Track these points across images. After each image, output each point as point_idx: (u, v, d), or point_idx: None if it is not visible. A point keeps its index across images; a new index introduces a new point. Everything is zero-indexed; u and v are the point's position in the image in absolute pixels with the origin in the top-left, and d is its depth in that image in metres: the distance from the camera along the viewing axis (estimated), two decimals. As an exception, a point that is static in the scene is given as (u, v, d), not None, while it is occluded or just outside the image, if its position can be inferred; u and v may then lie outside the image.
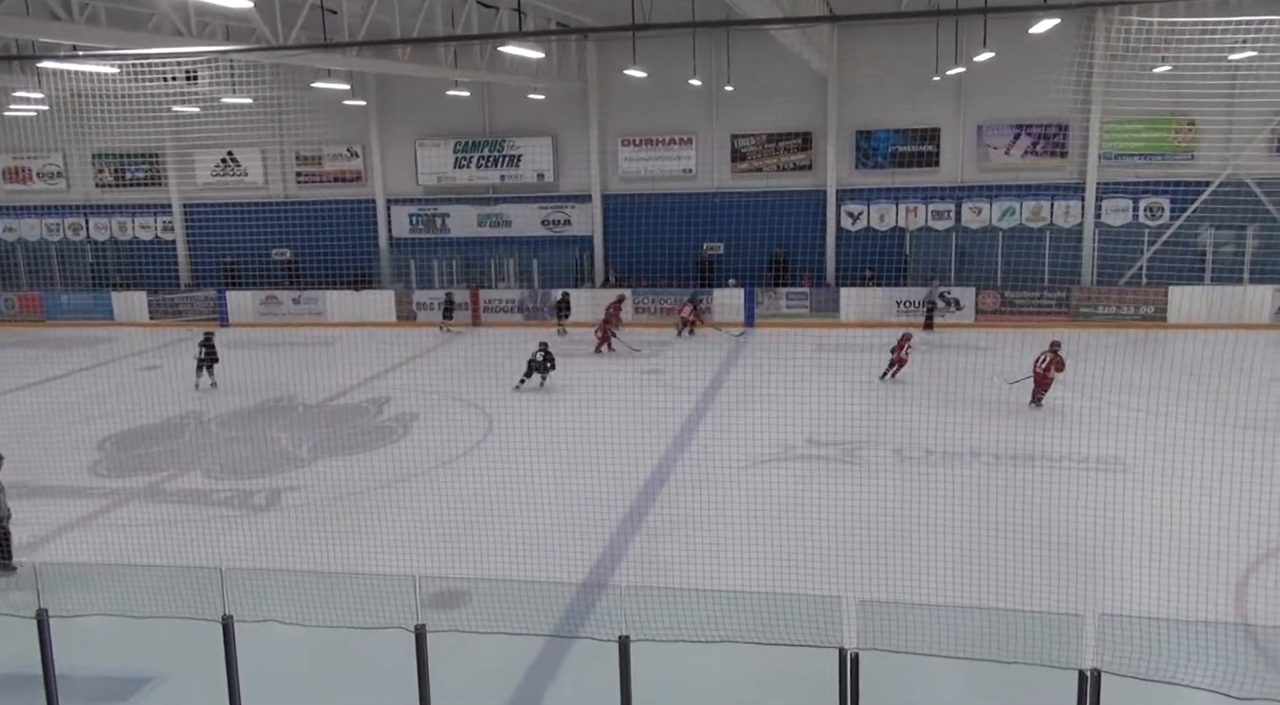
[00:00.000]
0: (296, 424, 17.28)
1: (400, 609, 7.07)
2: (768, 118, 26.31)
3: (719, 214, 26.88)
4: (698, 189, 27.19)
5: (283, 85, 21.81)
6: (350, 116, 27.78)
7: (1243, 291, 22.96)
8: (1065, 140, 25.09)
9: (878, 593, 8.28)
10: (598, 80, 27.12)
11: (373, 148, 28.82)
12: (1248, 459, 11.68)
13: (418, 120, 28.27)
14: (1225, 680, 6.29)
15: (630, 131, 27.29)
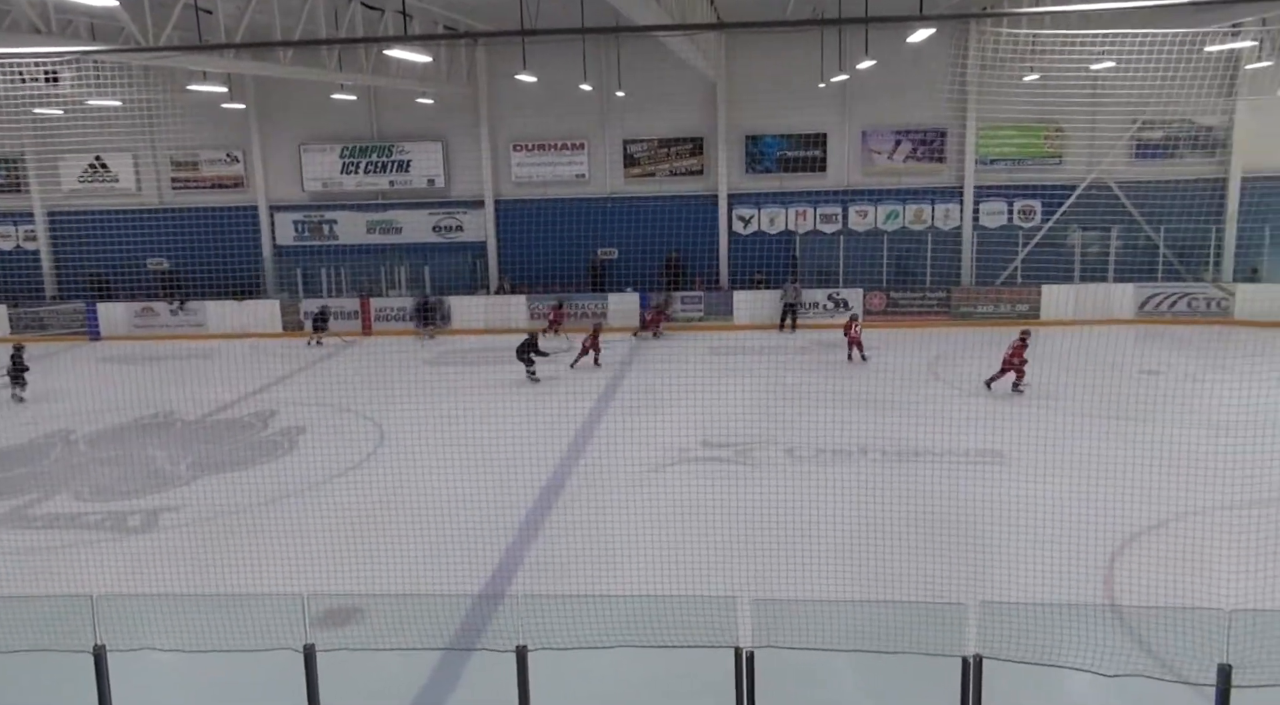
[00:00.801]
0: (175, 441, 16.54)
1: (288, 629, 6.84)
2: (659, 123, 26.57)
3: (612, 219, 26.96)
4: (591, 194, 27.21)
5: (154, 88, 20.88)
6: (229, 120, 26.78)
7: (1108, 289, 24.26)
8: (944, 146, 26.09)
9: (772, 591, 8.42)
10: (488, 85, 26.87)
11: (254, 152, 27.84)
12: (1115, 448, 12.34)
13: (302, 124, 27.47)
14: (1097, 659, 6.61)
15: (522, 137, 27.14)
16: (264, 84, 26.71)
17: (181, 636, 7.58)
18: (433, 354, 23.25)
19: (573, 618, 6.96)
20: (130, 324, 26.33)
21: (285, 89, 26.28)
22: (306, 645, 6.73)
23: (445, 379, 20.25)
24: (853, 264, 25.85)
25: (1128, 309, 23.86)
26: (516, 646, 6.67)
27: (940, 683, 6.45)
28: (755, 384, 18.47)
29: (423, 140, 27.36)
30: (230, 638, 7.02)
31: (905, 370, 18.89)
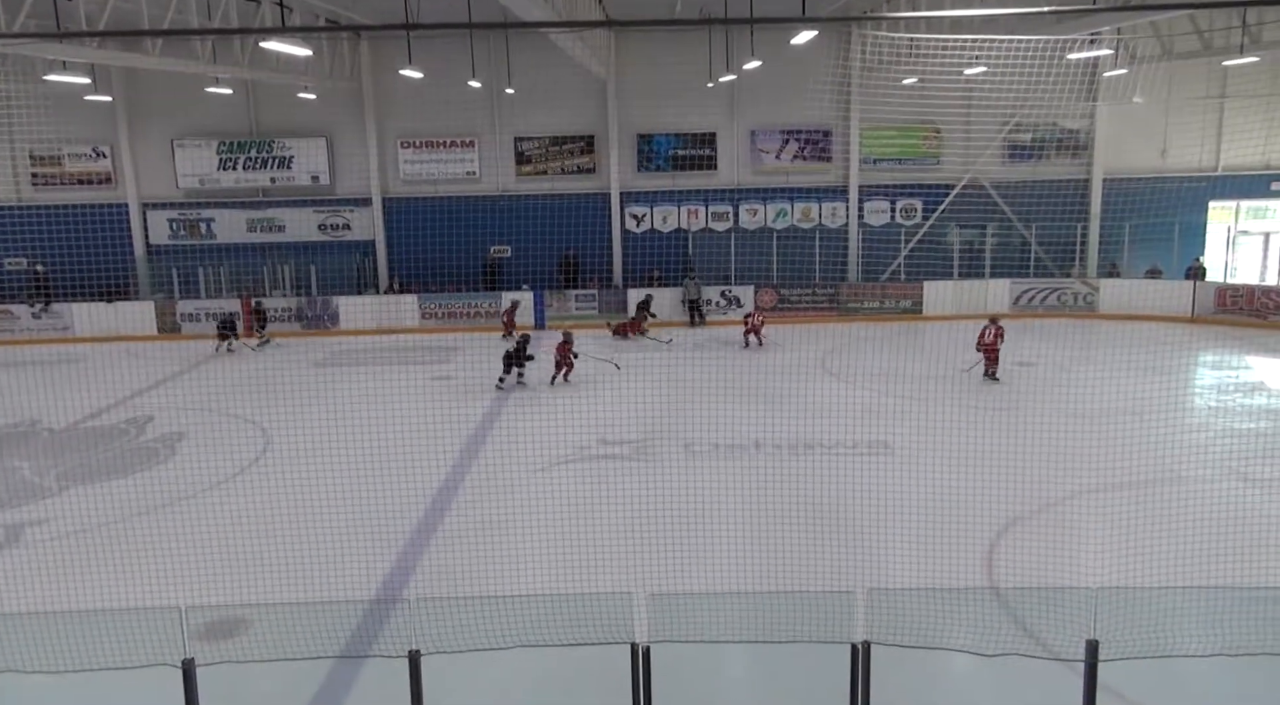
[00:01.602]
0: (40, 451, 15.60)
1: (165, 644, 6.53)
2: (550, 121, 26.43)
3: (505, 216, 26.71)
4: (483, 191, 26.89)
5: (10, 77, 19.63)
6: (94, 113, 25.41)
7: (985, 285, 25.34)
8: (830, 146, 26.76)
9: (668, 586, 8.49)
10: (373, 80, 26.24)
11: (122, 148, 26.48)
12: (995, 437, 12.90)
13: (174, 119, 26.25)
14: (979, 640, 6.89)
15: (410, 133, 26.61)
16: (132, 76, 25.43)
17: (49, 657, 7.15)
18: (321, 355, 22.59)
19: (469, 620, 6.86)
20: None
21: (155, 81, 25.08)
22: (185, 660, 6.44)
23: (334, 381, 19.71)
24: (744, 262, 26.28)
25: (1003, 303, 24.97)
26: (409, 651, 6.53)
27: (831, 669, 6.61)
28: (652, 381, 18.59)
29: (306, 136, 26.52)
30: (103, 656, 6.66)
31: (797, 365, 19.32)
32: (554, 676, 8.09)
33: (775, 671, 8.24)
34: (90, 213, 25.89)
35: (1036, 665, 7.23)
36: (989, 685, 8.05)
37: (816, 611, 6.69)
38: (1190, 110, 25.42)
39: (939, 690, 8.08)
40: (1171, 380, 17.89)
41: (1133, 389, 15.37)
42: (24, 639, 7.20)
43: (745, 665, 8.34)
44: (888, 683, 6.65)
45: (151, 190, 26.82)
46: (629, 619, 6.69)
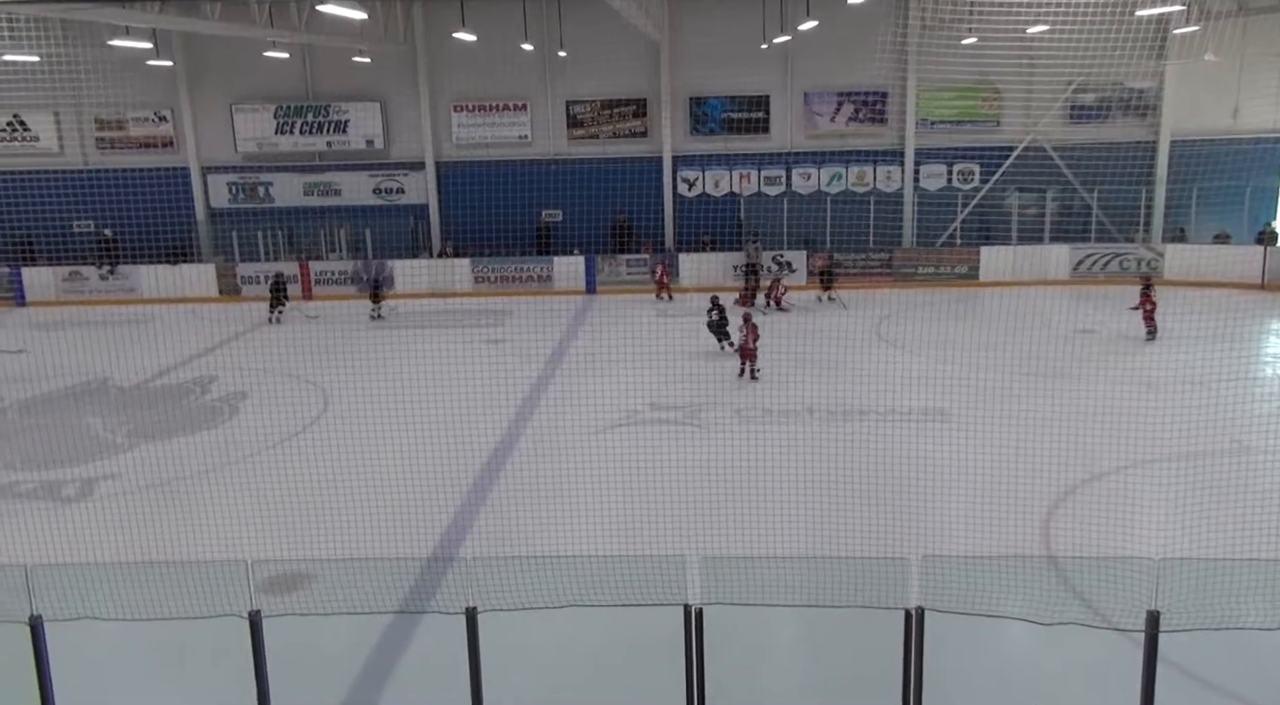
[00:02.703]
0: (111, 408, 16.11)
1: (233, 596, 6.74)
2: (603, 84, 26.26)
3: (557, 181, 26.69)
4: (534, 155, 26.88)
5: (75, 43, 20.01)
6: (156, 78, 25.81)
7: (1044, 250, 24.79)
8: (885, 108, 26.24)
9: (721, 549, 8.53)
10: (426, 43, 26.27)
11: (183, 112, 26.91)
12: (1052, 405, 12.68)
13: (233, 83, 26.59)
14: (1035, 609, 6.84)
15: (463, 97, 26.63)
16: (192, 41, 25.78)
17: (122, 606, 7.42)
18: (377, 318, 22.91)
19: (523, 579, 6.97)
20: (58, 288, 25.48)
21: (215, 46, 25.41)
22: (252, 612, 6.64)
23: (390, 343, 19.99)
24: (797, 226, 25.99)
25: (1063, 270, 24.42)
26: (466, 608, 6.66)
27: (883, 635, 6.61)
28: (703, 346, 18.55)
29: (361, 100, 26.70)
30: (173, 606, 6.90)
31: (850, 331, 19.15)
32: (607, 637, 8.21)
33: (828, 636, 8.27)
34: (153, 176, 26.47)
35: (1094, 635, 7.16)
36: (1045, 654, 7.99)
37: (870, 577, 6.68)
38: (1265, 68, 24.38)
39: (994, 658, 8.05)
40: (1239, 348, 17.38)
41: (1198, 357, 14.98)
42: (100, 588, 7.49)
43: (797, 629, 8.38)
44: (941, 649, 6.63)
45: (211, 154, 27.27)
46: (682, 581, 6.74)
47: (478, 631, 6.64)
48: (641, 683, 7.79)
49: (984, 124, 26.03)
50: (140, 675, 8.19)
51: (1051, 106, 25.43)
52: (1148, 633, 6.09)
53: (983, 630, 7.66)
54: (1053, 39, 20.15)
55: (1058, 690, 7.75)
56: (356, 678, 8.03)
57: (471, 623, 6.63)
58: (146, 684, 8.09)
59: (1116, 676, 7.10)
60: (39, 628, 6.64)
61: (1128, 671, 6.39)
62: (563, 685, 7.80)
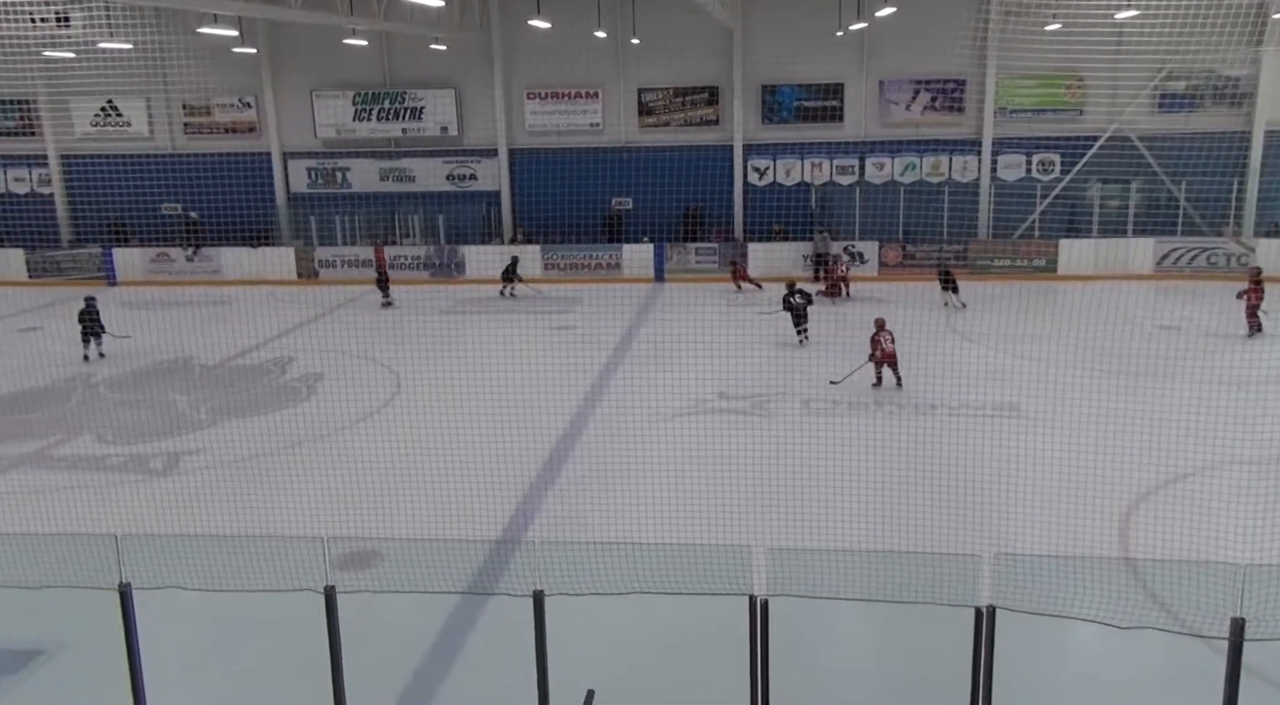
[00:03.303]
0: (194, 386, 16.68)
1: (309, 571, 6.93)
2: (674, 72, 26.18)
3: (627, 168, 26.73)
4: (606, 143, 26.96)
5: (165, 30, 20.67)
6: (241, 65, 26.53)
7: (1127, 244, 24.02)
8: (962, 96, 25.67)
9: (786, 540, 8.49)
10: (501, 31, 26.49)
11: (266, 99, 27.61)
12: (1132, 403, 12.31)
13: (314, 70, 27.19)
14: (1110, 612, 6.66)
15: (536, 84, 26.81)
16: (275, 28, 26.40)
17: (205, 576, 7.70)
18: (447, 303, 23.27)
19: (589, 564, 7.04)
20: (146, 269, 26.42)
21: (296, 34, 26.00)
22: (327, 587, 6.82)
23: (461, 328, 20.30)
24: (869, 216, 25.62)
25: (1146, 264, 23.65)
26: (534, 591, 6.75)
27: (953, 633, 6.52)
28: (771, 336, 18.43)
29: (435, 87, 27.07)
30: (253, 578, 7.13)
31: (921, 324, 18.82)
32: (671, 625, 8.24)
33: (895, 631, 8.18)
34: (237, 161, 27.28)
35: (1173, 641, 6.96)
36: (1120, 658, 7.80)
37: (939, 573, 6.58)
38: (1371, 56, 23.27)
39: (1066, 660, 7.88)
40: (1334, 349, 16.66)
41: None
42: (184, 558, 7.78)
43: (864, 624, 8.31)
44: (1012, 649, 6.52)
45: (292, 140, 27.93)
46: (747, 571, 6.73)
47: (544, 614, 6.73)
48: (704, 672, 7.81)
49: (1066, 113, 25.29)
50: (220, 644, 8.49)
51: (1138, 95, 24.60)
52: (1231, 640, 5.90)
53: (1055, 632, 7.51)
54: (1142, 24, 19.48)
55: (1134, 697, 7.56)
56: (425, 655, 8.21)
57: (538, 605, 6.71)
58: (226, 652, 8.38)
59: (1196, 685, 6.90)
60: (128, 594, 6.92)
61: (1209, 680, 6.20)
62: (626, 671, 7.86)
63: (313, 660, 6.99)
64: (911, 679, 7.79)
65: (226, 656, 8.33)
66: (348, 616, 6.93)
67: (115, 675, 6.99)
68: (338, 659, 6.91)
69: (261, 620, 8.39)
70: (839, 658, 8.13)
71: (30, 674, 8.02)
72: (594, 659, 7.92)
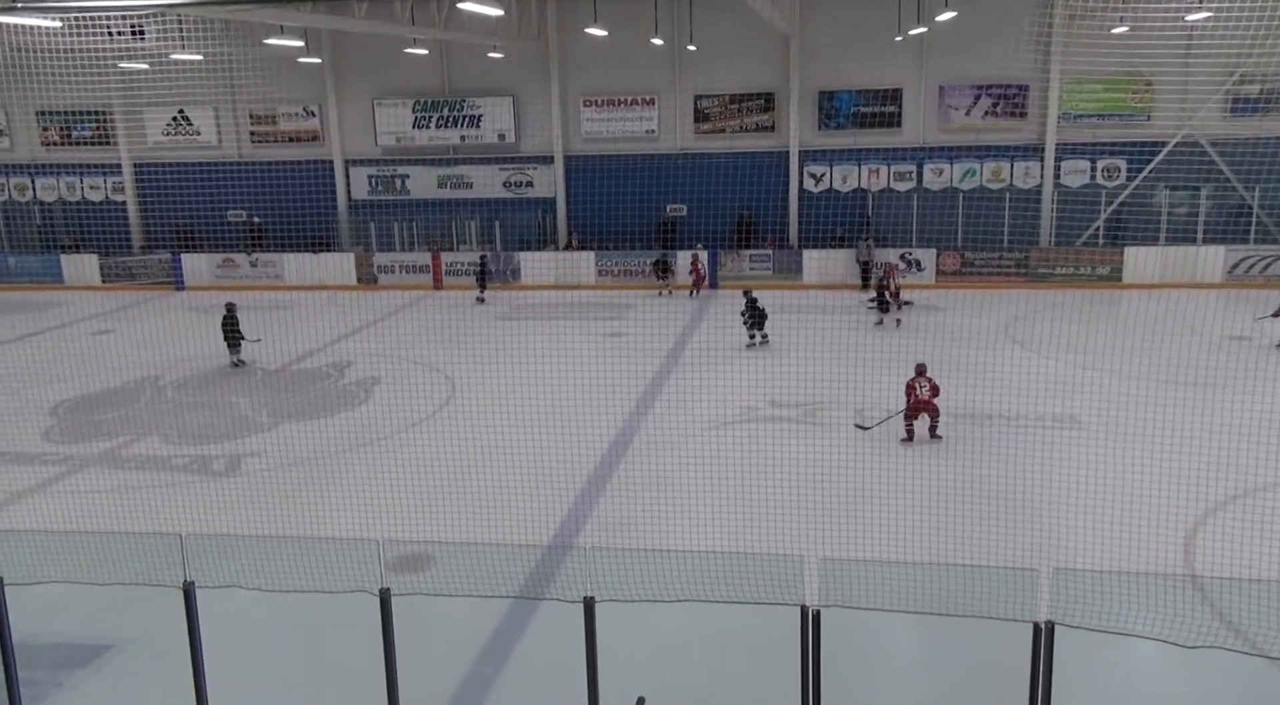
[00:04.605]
0: (256, 389, 17.07)
1: (364, 573, 7.05)
2: (730, 78, 26.12)
3: (682, 175, 26.74)
4: (661, 150, 27.00)
5: (234, 42, 21.22)
6: (305, 75, 27.14)
7: (1196, 252, 23.36)
8: (1025, 101, 25.21)
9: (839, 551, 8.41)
10: (558, 39, 26.72)
11: (329, 107, 28.21)
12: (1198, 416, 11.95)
13: (375, 79, 27.70)
14: (1173, 630, 6.48)
15: (592, 92, 26.98)
16: (339, 39, 26.97)
17: (265, 576, 7.87)
18: (503, 309, 23.50)
19: (640, 571, 7.04)
20: (212, 274, 27.13)
21: (359, 44, 26.52)
22: (382, 589, 6.93)
23: (515, 334, 20.47)
24: (927, 223, 25.28)
25: (1216, 273, 22.97)
26: (584, 597, 6.77)
27: (1010, 648, 6.39)
28: (823, 344, 18.27)
29: (493, 95, 27.39)
30: (310, 579, 7.27)
31: (979, 332, 18.53)
32: (723, 634, 8.21)
33: (949, 646, 8.05)
34: (300, 169, 27.90)
35: (1240, 662, 6.74)
36: (1184, 678, 7.58)
37: (997, 587, 6.46)
38: None
39: (1128, 678, 7.68)
40: None
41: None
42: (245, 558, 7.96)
43: (918, 637, 8.19)
44: (1071, 666, 6.38)
45: (354, 147, 28.48)
46: (799, 581, 6.68)
47: (595, 620, 6.75)
48: (755, 682, 7.76)
49: (1133, 117, 24.69)
50: (280, 643, 8.67)
51: (1210, 98, 23.92)
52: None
53: (1116, 649, 7.32)
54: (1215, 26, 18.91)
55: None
56: (476, 658, 8.28)
57: (589, 612, 6.74)
58: (285, 651, 8.55)
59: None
60: (191, 592, 7.10)
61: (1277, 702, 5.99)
62: (677, 679, 7.84)
63: (367, 660, 7.10)
64: (966, 695, 7.65)
65: (283, 655, 8.50)
66: (401, 618, 7.02)
67: (179, 671, 7.18)
68: (391, 661, 7.00)
69: (317, 621, 8.55)
70: (892, 671, 8.02)
71: (99, 668, 8.27)
72: (644, 666, 7.92)
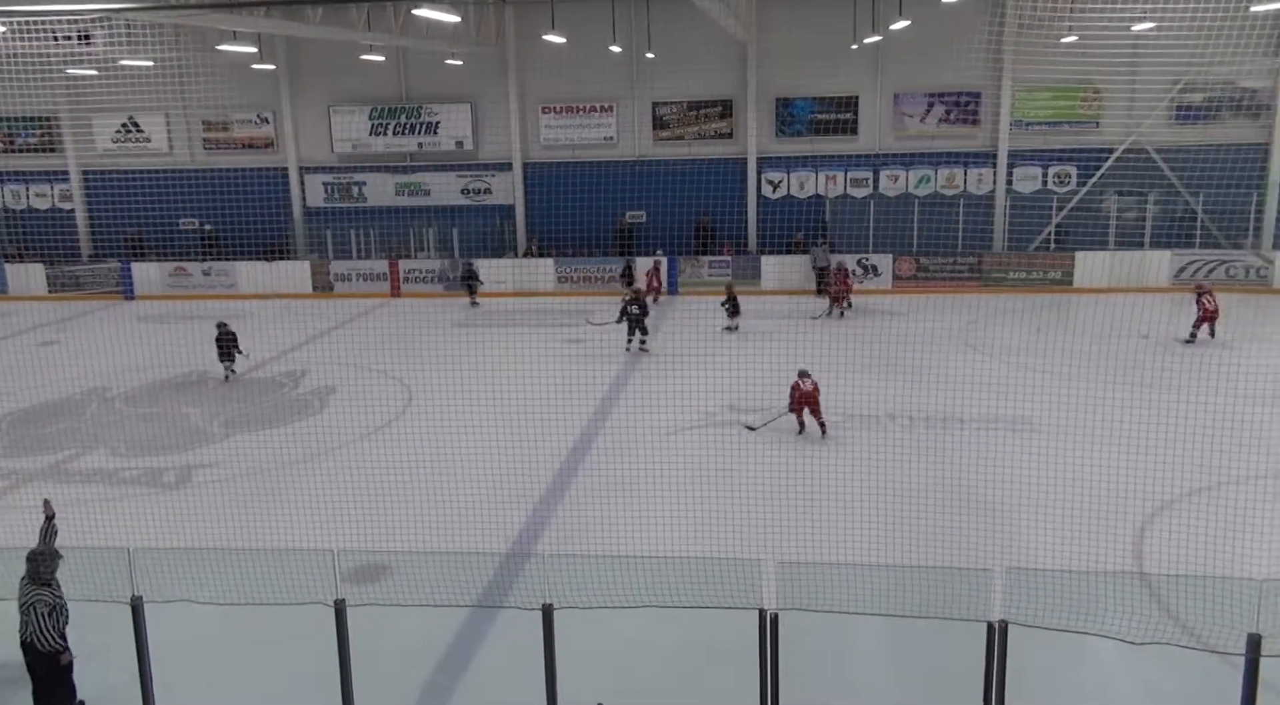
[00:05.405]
0: (208, 399, 16.78)
1: (319, 584, 6.96)
2: (688, 85, 26.25)
3: (641, 182, 26.77)
4: (619, 157, 27.03)
5: (185, 47, 20.91)
6: (259, 81, 26.80)
7: (1144, 256, 23.85)
8: (978, 109, 25.62)
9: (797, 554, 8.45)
10: (516, 46, 26.66)
11: (284, 114, 27.86)
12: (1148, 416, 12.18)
13: (331, 86, 27.41)
14: (1123, 627, 6.59)
15: (551, 99, 26.94)
16: (294, 45, 26.67)
17: (216, 589, 7.75)
18: (461, 316, 23.34)
19: (599, 578, 7.03)
20: (164, 283, 26.65)
21: (315, 50, 26.25)
22: (337, 600, 6.84)
23: (474, 341, 20.33)
24: (883, 229, 25.56)
25: (1164, 276, 23.47)
26: (543, 605, 6.74)
27: (965, 648, 6.46)
28: (782, 349, 18.36)
29: (451, 102, 27.24)
30: (263, 591, 7.15)
31: (935, 336, 18.75)
32: (682, 638, 8.20)
33: (906, 646, 8.11)
34: (254, 176, 27.51)
35: (1189, 657, 6.87)
36: (1135, 674, 7.70)
37: (951, 588, 6.54)
38: (1391, 67, 23.08)
39: (1080, 676, 7.78)
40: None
41: (1309, 371, 14.23)
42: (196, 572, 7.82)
43: (875, 639, 8.24)
44: (1025, 664, 6.46)
45: (309, 154, 28.15)
46: (758, 585, 6.70)
47: (553, 628, 6.72)
48: (715, 686, 7.76)
49: (1083, 125, 25.19)
50: (231, 657, 8.50)
51: (1156, 107, 24.47)
52: (1248, 657, 5.83)
53: (1069, 647, 7.43)
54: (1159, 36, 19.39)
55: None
56: (434, 669, 8.19)
57: (548, 619, 6.71)
58: (237, 666, 8.38)
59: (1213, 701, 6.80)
60: (139, 608, 6.95)
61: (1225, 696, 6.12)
62: (636, 685, 7.82)
63: (323, 673, 6.99)
64: (923, 694, 7.71)
65: (236, 670, 8.33)
66: (357, 629, 6.93)
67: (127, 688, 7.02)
68: (347, 672, 6.91)
69: (273, 634, 8.40)
70: (850, 672, 8.06)
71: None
72: (604, 673, 7.88)
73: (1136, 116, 24.66)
